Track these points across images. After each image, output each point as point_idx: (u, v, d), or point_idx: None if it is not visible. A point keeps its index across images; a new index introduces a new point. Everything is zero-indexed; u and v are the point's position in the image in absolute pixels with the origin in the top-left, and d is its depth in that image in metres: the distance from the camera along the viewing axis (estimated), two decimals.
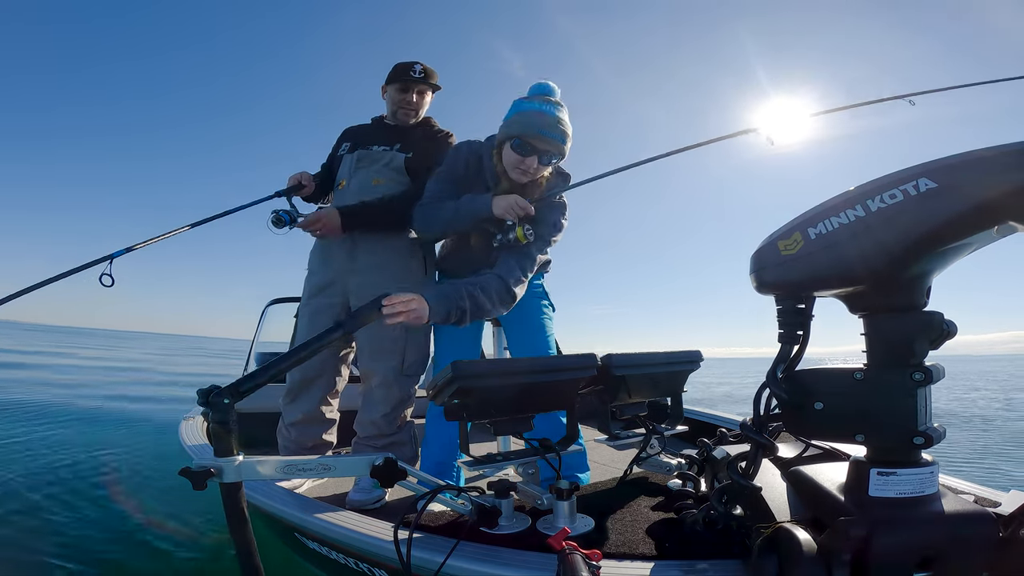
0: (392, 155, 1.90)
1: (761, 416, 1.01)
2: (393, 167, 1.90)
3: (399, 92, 1.92)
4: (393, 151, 1.91)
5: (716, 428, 1.76)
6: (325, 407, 1.91)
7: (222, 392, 0.93)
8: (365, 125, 2.08)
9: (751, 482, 1.00)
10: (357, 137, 2.01)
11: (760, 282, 0.99)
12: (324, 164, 2.09)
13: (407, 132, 1.97)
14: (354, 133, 2.05)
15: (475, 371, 1.24)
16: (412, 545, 1.01)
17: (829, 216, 0.87)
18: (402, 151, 1.91)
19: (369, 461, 1.07)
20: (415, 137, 1.95)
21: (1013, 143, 0.73)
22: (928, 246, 0.81)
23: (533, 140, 1.50)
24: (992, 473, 4.52)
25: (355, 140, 2.00)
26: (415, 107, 1.95)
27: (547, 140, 1.50)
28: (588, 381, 1.48)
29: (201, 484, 0.90)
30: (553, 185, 1.68)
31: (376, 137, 1.97)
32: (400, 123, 1.98)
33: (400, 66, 1.92)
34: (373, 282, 1.83)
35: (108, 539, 2.47)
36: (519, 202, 1.51)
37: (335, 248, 1.90)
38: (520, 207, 1.51)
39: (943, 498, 0.85)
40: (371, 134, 2.00)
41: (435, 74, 1.95)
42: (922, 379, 0.85)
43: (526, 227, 1.52)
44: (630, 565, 1.04)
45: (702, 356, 1.63)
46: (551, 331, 1.92)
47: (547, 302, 1.95)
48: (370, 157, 1.91)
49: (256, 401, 1.22)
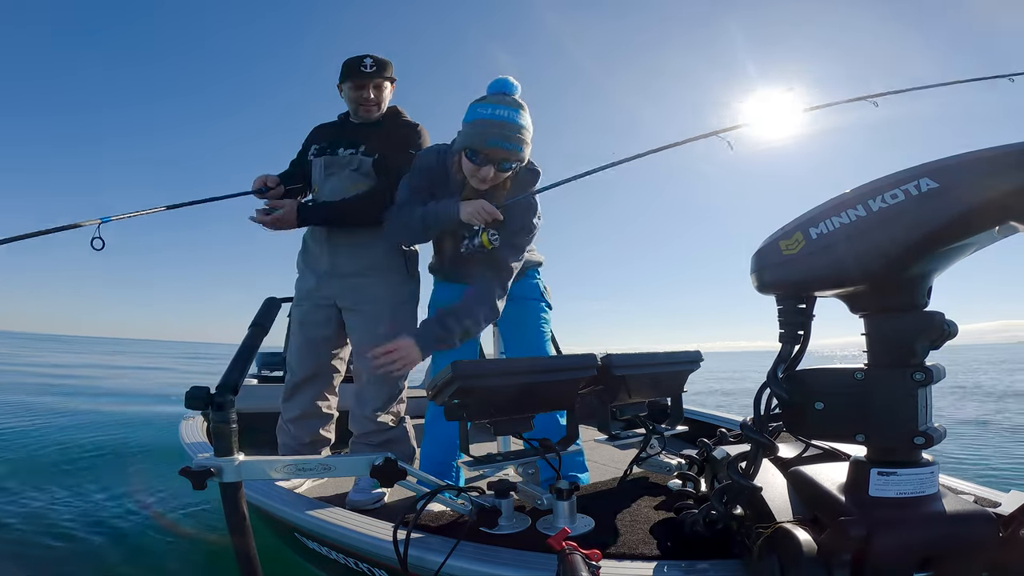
0: (359, 159, 1.83)
1: (761, 416, 1.01)
2: (363, 172, 1.84)
3: (354, 90, 1.84)
4: (359, 155, 1.84)
5: (716, 428, 1.76)
6: (322, 403, 1.93)
7: (221, 390, 0.93)
8: (332, 124, 2.01)
9: (751, 482, 1.00)
10: (324, 139, 1.95)
11: (761, 282, 0.99)
12: (293, 160, 2.03)
13: (372, 130, 1.89)
14: (321, 134, 1.99)
15: (475, 371, 1.24)
16: (412, 545, 1.01)
17: (830, 216, 0.87)
18: (368, 154, 1.84)
19: (369, 461, 1.07)
20: (380, 134, 1.88)
21: (1014, 143, 0.73)
22: (929, 246, 0.81)
23: (487, 151, 1.45)
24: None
25: (322, 142, 1.93)
26: (375, 102, 1.86)
27: (502, 150, 1.45)
28: (588, 381, 1.47)
29: (201, 484, 0.89)
30: (523, 182, 1.63)
31: (341, 139, 1.90)
32: (364, 120, 1.90)
33: (350, 62, 1.83)
34: (356, 285, 1.84)
35: (103, 533, 2.47)
36: (485, 207, 1.48)
37: (316, 252, 1.89)
38: (487, 212, 1.48)
39: (943, 498, 0.85)
40: (337, 135, 1.93)
41: (389, 64, 1.85)
42: (923, 379, 0.85)
43: (491, 233, 1.49)
44: (630, 565, 1.04)
45: (702, 356, 1.64)
46: (548, 335, 1.91)
47: (544, 303, 1.92)
48: (337, 163, 1.85)
49: (256, 401, 1.22)
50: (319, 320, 1.88)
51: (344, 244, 1.85)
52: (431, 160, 1.64)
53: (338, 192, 1.83)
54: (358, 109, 1.88)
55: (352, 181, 1.84)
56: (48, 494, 3.03)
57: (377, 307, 1.84)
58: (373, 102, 1.86)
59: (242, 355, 1.03)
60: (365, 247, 1.86)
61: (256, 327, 1.12)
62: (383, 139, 1.86)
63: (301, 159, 2.01)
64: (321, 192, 1.87)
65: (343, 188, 1.83)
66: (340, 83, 1.88)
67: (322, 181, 1.88)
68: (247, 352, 1.05)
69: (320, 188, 1.88)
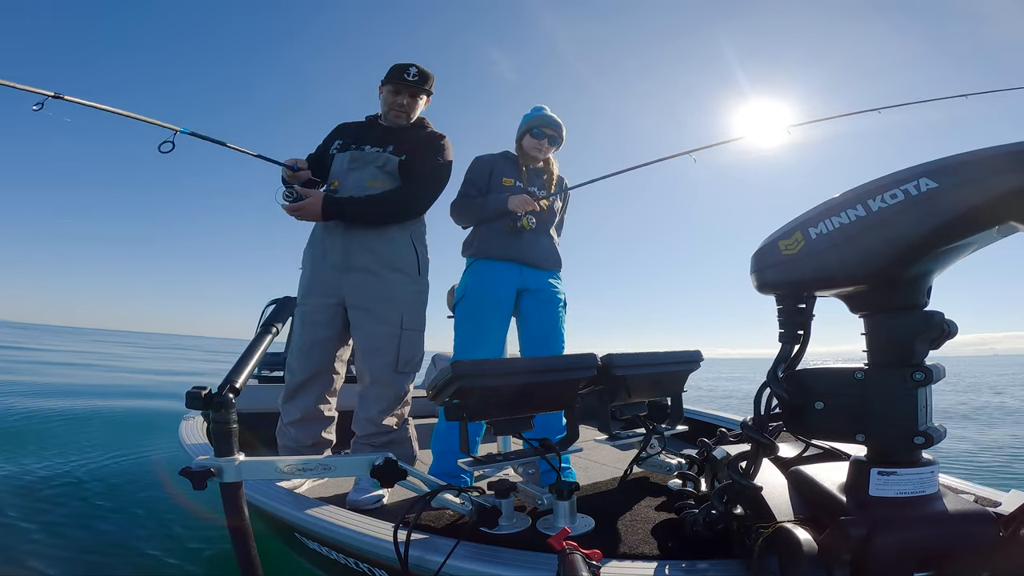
0: (386, 157, 1.89)
1: (761, 416, 1.01)
2: (387, 170, 1.89)
3: (392, 94, 1.93)
4: (387, 153, 1.90)
5: (716, 428, 1.76)
6: (323, 405, 1.91)
7: (222, 390, 0.92)
8: (359, 123, 2.06)
9: (751, 482, 1.00)
10: (350, 135, 1.99)
11: (761, 282, 0.99)
12: (311, 155, 2.05)
13: (400, 133, 1.96)
14: (347, 131, 2.04)
15: (475, 371, 1.24)
16: (413, 545, 1.01)
17: (830, 216, 0.87)
18: (395, 153, 1.90)
19: (369, 461, 1.07)
20: (408, 139, 1.94)
21: (1014, 143, 0.73)
22: (929, 246, 0.81)
23: (544, 128, 2.14)
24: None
25: (347, 139, 1.98)
26: (406, 110, 1.95)
27: (553, 128, 2.15)
28: (588, 381, 1.48)
29: (201, 484, 0.89)
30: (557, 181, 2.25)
31: (369, 137, 1.96)
32: (393, 124, 1.98)
33: (397, 67, 1.91)
34: (368, 282, 1.84)
35: (101, 532, 2.47)
36: (526, 199, 2.02)
37: (329, 245, 1.88)
38: (526, 203, 2.01)
39: (943, 498, 0.85)
40: (364, 133, 1.99)
41: (431, 77, 1.95)
42: (922, 379, 0.85)
43: (529, 217, 2.02)
44: (630, 565, 1.04)
45: (702, 356, 1.64)
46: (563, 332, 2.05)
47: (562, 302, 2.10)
48: (363, 158, 1.90)
49: (256, 401, 1.22)
50: (324, 319, 1.86)
51: (361, 238, 1.86)
52: (484, 164, 2.18)
53: (360, 186, 1.86)
54: (389, 112, 1.96)
55: (375, 177, 1.88)
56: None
57: (387, 307, 1.83)
58: (404, 110, 1.96)
59: (248, 355, 1.01)
60: (383, 243, 1.86)
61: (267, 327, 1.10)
62: (412, 143, 1.94)
63: (319, 153, 2.04)
64: (343, 184, 1.89)
65: (365, 183, 1.87)
66: (382, 84, 1.97)
67: (344, 174, 1.90)
68: (253, 352, 1.02)
69: (342, 181, 1.90)
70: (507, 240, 2.03)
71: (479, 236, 2.10)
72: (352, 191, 1.85)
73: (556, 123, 2.16)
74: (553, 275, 2.13)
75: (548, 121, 2.15)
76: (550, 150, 2.21)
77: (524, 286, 2.03)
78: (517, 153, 2.21)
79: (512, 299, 2.02)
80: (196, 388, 0.91)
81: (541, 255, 2.07)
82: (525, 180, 2.12)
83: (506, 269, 2.01)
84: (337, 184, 1.90)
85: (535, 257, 2.05)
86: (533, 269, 2.05)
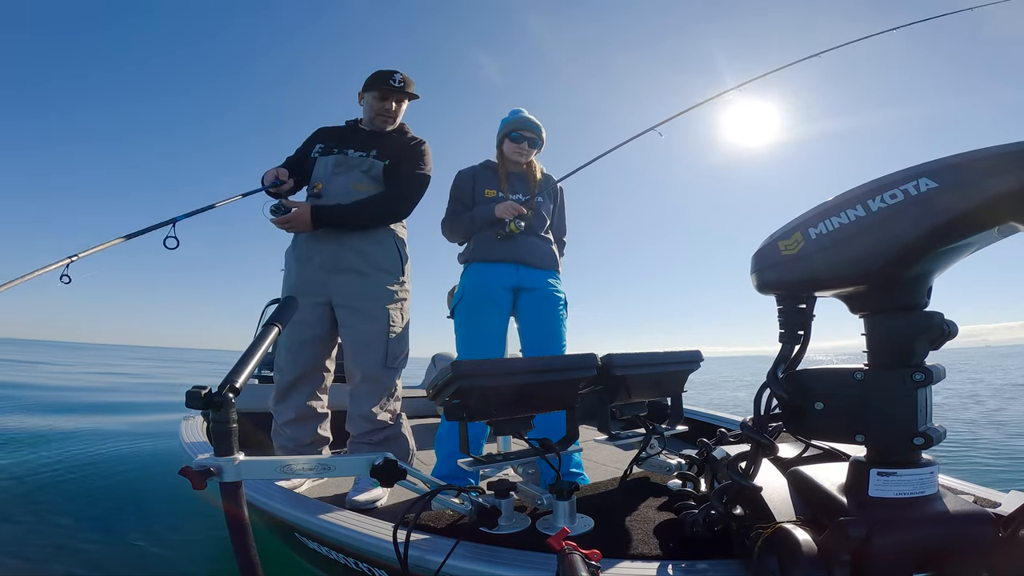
0: (371, 162, 1.92)
1: (761, 416, 1.01)
2: (372, 175, 1.92)
3: (378, 100, 1.95)
4: (371, 158, 1.93)
5: (716, 428, 1.76)
6: (315, 402, 1.93)
7: (222, 389, 0.92)
8: (339, 127, 2.08)
9: (751, 482, 1.00)
10: (331, 139, 2.00)
11: (761, 282, 0.99)
12: (290, 158, 2.06)
13: (383, 138, 1.99)
14: (328, 135, 2.04)
15: (475, 371, 1.24)
16: (412, 545, 1.01)
17: (830, 216, 0.87)
18: (379, 158, 1.93)
19: (369, 461, 1.07)
20: (391, 144, 1.97)
21: (1014, 143, 0.73)
22: (929, 246, 0.81)
23: (522, 131, 2.14)
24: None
25: (329, 143, 1.99)
26: (393, 115, 1.99)
27: (531, 130, 2.14)
28: (588, 381, 1.48)
29: (201, 484, 0.89)
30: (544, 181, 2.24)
31: (352, 141, 1.97)
32: (377, 129, 2.00)
33: (380, 74, 1.94)
34: (355, 282, 1.86)
35: (99, 533, 2.47)
36: (512, 205, 2.06)
37: (316, 247, 1.89)
38: (513, 209, 2.04)
39: (943, 498, 0.85)
40: (347, 138, 2.00)
41: (412, 83, 1.99)
42: (922, 379, 0.85)
43: (518, 222, 2.05)
44: (630, 565, 1.04)
45: (702, 356, 1.63)
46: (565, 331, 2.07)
47: (563, 303, 2.11)
48: (348, 163, 1.92)
49: (256, 401, 1.22)
50: (311, 319, 1.87)
51: (348, 240, 1.87)
52: (466, 177, 2.21)
53: (346, 189, 1.88)
54: (375, 118, 1.99)
55: (360, 181, 1.90)
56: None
57: (375, 305, 1.86)
58: (391, 115, 1.99)
59: (248, 354, 0.99)
60: (369, 245, 1.89)
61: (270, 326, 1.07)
62: (395, 148, 1.97)
63: (300, 156, 2.04)
64: (328, 188, 1.90)
65: (351, 187, 1.89)
66: (364, 91, 1.99)
67: (329, 178, 1.91)
68: (254, 352, 1.00)
69: (326, 184, 1.91)
70: (501, 243, 2.06)
71: (473, 245, 2.12)
72: (338, 195, 1.87)
73: (535, 125, 2.14)
74: (551, 275, 2.13)
75: (526, 123, 2.12)
76: (531, 153, 2.18)
77: (521, 285, 2.05)
78: (498, 160, 2.20)
79: (509, 297, 2.03)
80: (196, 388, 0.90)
81: (536, 255, 2.09)
82: (506, 189, 2.13)
83: (502, 269, 2.04)
84: (321, 187, 1.92)
85: (530, 257, 2.07)
86: (529, 268, 2.06)
